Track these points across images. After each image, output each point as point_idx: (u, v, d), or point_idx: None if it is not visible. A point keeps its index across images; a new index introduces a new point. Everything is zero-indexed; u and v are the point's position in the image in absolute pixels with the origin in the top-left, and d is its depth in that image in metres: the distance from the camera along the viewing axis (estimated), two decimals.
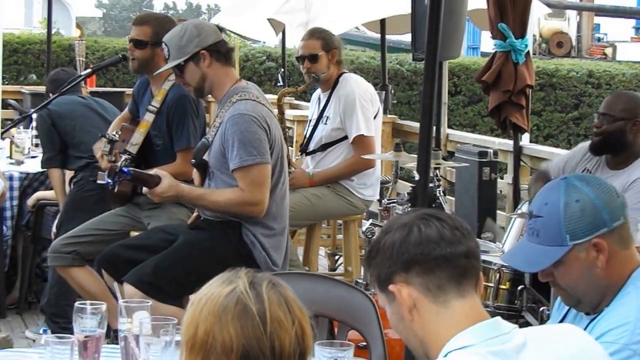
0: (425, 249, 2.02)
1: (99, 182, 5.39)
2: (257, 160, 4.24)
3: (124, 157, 4.48)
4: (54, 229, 5.80)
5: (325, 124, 5.98)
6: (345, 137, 5.90)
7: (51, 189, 6.09)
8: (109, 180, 4.35)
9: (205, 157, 4.40)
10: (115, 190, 4.52)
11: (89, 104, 6.00)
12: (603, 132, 4.47)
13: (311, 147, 6.04)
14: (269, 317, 1.78)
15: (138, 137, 4.95)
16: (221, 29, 4.51)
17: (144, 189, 4.38)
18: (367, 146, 5.85)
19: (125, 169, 4.31)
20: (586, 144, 4.71)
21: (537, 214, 2.49)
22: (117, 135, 4.75)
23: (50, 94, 6.11)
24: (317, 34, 6.07)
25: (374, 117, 5.96)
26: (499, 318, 2.03)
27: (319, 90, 6.17)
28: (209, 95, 4.58)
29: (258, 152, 4.23)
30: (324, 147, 5.97)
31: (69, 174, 5.91)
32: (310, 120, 6.20)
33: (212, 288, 1.82)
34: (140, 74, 5.26)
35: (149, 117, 4.97)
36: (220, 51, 4.40)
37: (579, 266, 2.44)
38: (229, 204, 4.28)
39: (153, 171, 4.45)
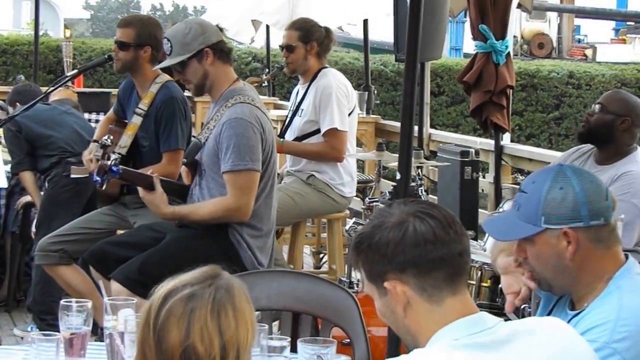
0: (422, 250, 2.02)
1: (72, 176, 5.43)
2: (248, 166, 4.28)
3: (113, 156, 4.51)
4: (33, 228, 5.83)
5: (301, 116, 5.98)
6: (317, 131, 5.89)
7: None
8: (98, 179, 4.37)
9: (197, 156, 4.43)
10: (104, 188, 4.56)
11: (53, 107, 6.03)
12: (592, 121, 4.50)
13: (286, 138, 6.04)
14: (161, 320, 1.87)
15: (126, 139, 4.99)
16: (221, 29, 4.53)
17: (140, 192, 4.42)
18: (339, 141, 5.84)
19: (114, 168, 4.34)
20: (577, 146, 4.77)
21: (523, 190, 2.52)
22: (109, 140, 4.79)
23: (18, 104, 6.12)
24: (297, 25, 6.08)
25: (349, 114, 5.95)
26: (484, 313, 2.06)
27: (299, 84, 6.18)
28: (197, 95, 4.63)
29: (250, 158, 4.27)
30: (297, 140, 5.97)
31: None
32: (288, 113, 6.23)
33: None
34: (125, 75, 5.30)
35: (136, 120, 5.00)
36: (223, 50, 4.44)
37: (548, 250, 2.46)
38: (214, 217, 4.34)
39: (149, 172, 4.49)
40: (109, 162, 4.36)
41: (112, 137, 4.82)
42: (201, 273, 1.93)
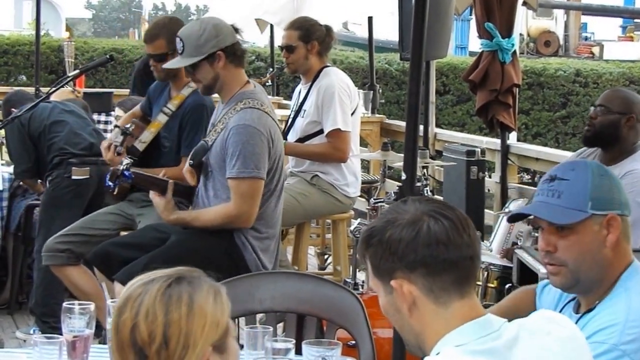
0: (434, 251, 2.00)
1: (73, 177, 5.41)
2: (252, 174, 4.27)
3: (125, 161, 4.51)
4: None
5: (303, 117, 5.94)
6: (321, 132, 5.86)
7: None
8: (110, 184, 4.42)
9: (204, 158, 4.42)
10: (115, 192, 4.57)
11: (54, 106, 5.98)
12: (597, 123, 4.46)
13: (289, 140, 6.01)
14: (120, 305, 1.91)
15: (148, 135, 4.97)
16: (237, 30, 4.50)
17: (150, 193, 4.42)
18: (343, 141, 5.79)
19: (126, 173, 4.37)
20: (580, 149, 4.73)
21: (563, 177, 2.51)
22: (130, 129, 4.76)
23: (13, 109, 6.05)
24: (297, 25, 6.00)
25: (352, 113, 5.90)
26: (489, 315, 2.04)
27: (301, 84, 6.14)
28: (206, 95, 4.62)
29: (255, 166, 4.27)
30: (300, 141, 5.93)
31: None
32: (290, 114, 6.20)
33: None
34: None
35: (162, 118, 4.98)
36: (235, 53, 4.41)
37: (590, 239, 2.47)
38: (215, 224, 4.35)
39: (162, 174, 4.50)
40: (121, 167, 4.39)
41: (133, 126, 4.80)
42: (176, 269, 1.94)
